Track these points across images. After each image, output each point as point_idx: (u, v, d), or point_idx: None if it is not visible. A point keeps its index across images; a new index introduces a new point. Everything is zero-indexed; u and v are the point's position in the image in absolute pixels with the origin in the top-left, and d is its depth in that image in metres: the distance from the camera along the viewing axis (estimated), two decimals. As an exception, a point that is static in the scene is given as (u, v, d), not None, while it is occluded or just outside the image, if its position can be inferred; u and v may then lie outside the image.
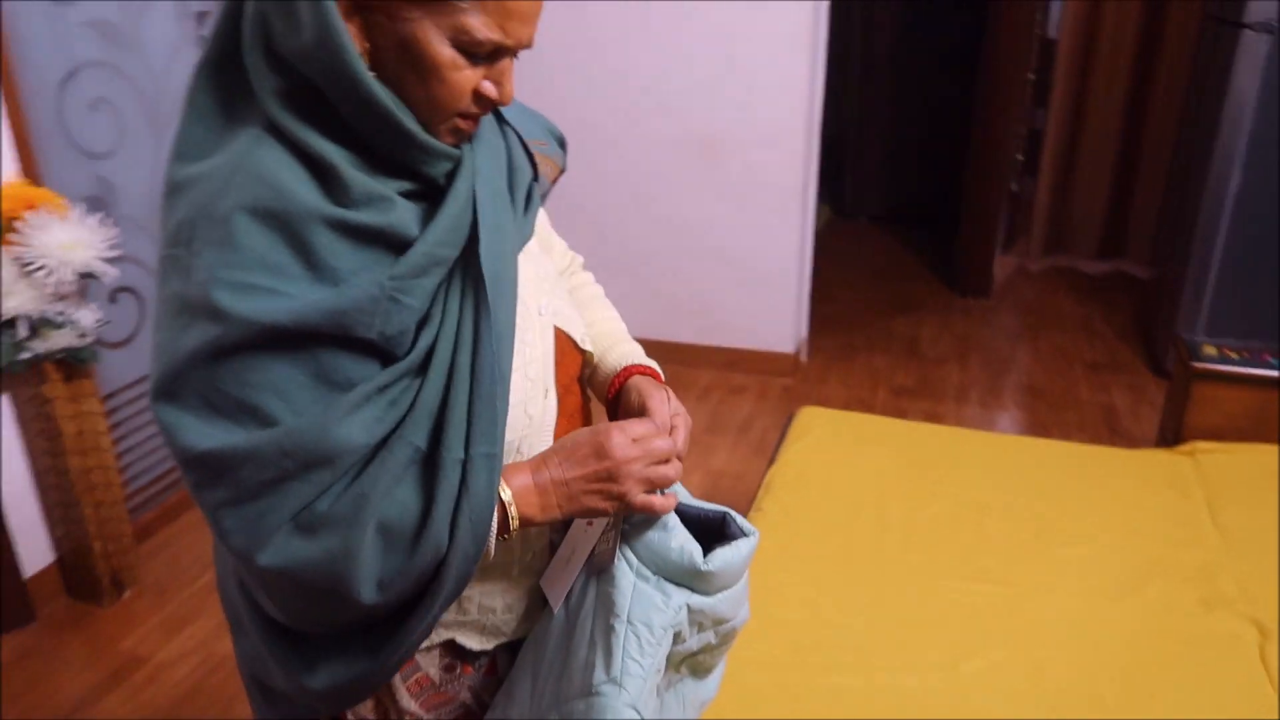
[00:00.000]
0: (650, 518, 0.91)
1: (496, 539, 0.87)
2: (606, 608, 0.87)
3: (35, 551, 2.32)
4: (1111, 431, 3.24)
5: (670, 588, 0.88)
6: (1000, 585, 1.67)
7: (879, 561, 1.74)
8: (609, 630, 0.86)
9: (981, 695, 1.44)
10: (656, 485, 0.89)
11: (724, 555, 0.89)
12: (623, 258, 3.64)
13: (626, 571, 0.88)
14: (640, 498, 0.88)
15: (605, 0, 3.35)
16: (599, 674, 0.85)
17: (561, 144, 1.16)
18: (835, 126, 5.53)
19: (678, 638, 0.90)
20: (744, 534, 0.92)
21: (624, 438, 0.89)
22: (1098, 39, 4.38)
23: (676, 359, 3.72)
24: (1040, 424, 3.30)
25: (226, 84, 0.84)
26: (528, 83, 3.38)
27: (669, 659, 0.92)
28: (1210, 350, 2.22)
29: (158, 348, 0.81)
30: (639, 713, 0.85)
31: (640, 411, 0.97)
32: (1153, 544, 1.80)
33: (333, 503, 0.81)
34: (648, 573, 0.89)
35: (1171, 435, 2.28)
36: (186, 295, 0.79)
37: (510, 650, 1.03)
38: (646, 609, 0.87)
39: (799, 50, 3.23)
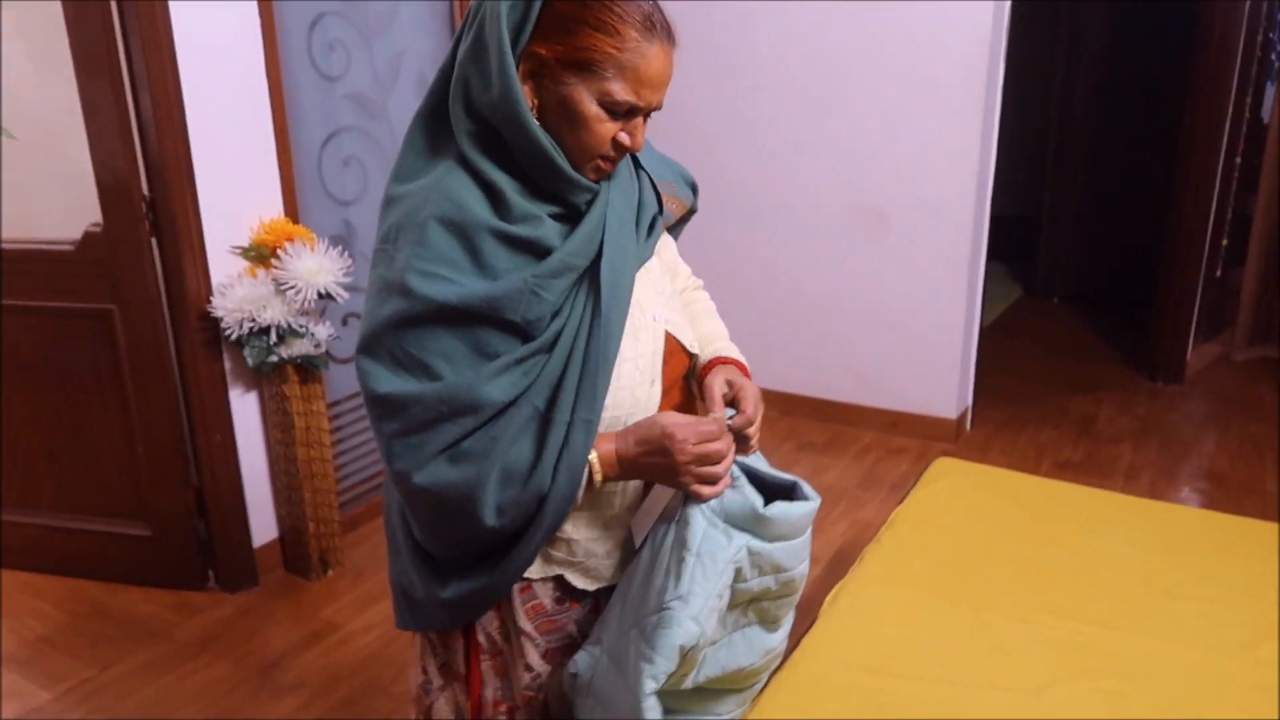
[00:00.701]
0: None
1: (585, 490, 1.11)
2: (681, 544, 1.09)
3: (264, 526, 2.77)
4: (1296, 525, 3.07)
5: (735, 532, 1.09)
6: (1098, 626, 1.71)
7: (981, 592, 1.81)
8: (681, 561, 1.08)
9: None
10: (703, 480, 1.10)
11: (780, 507, 1.09)
12: (789, 317, 3.81)
13: (699, 518, 1.09)
14: (693, 487, 1.10)
15: (779, 71, 3.61)
16: (670, 593, 1.07)
17: (693, 188, 1.43)
18: (1029, 206, 5.53)
19: (739, 575, 1.10)
20: (807, 499, 1.12)
21: (685, 437, 1.08)
22: (1311, 123, 4.22)
23: (839, 418, 3.84)
24: (1214, 508, 3.16)
25: (434, 127, 1.14)
26: (706, 152, 3.71)
27: (735, 597, 1.12)
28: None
29: (364, 315, 1.12)
30: (699, 625, 1.06)
31: (718, 395, 1.19)
32: (1276, 610, 1.78)
33: (473, 442, 1.07)
34: (716, 519, 1.10)
35: (1332, 518, 2.21)
36: (388, 278, 1.08)
37: (611, 594, 1.26)
38: (713, 546, 1.08)
39: (970, 123, 3.34)
